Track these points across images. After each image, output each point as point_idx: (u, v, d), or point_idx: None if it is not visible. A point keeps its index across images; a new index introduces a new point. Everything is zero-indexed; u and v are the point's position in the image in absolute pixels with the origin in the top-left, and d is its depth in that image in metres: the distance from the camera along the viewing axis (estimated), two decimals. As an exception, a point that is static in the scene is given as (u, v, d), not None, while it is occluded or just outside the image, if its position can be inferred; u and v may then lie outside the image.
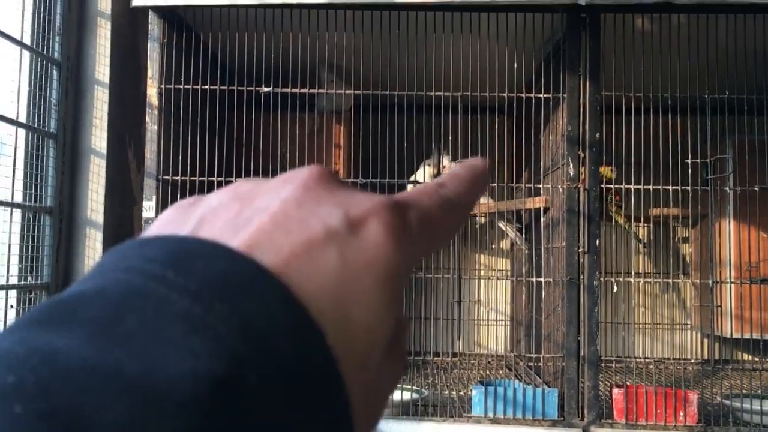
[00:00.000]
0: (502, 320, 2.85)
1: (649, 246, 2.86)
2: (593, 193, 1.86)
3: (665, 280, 2.76)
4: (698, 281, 2.59)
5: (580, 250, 1.86)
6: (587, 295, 1.85)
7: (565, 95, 1.90)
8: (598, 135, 1.87)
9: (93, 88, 1.92)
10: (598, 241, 1.86)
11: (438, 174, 2.48)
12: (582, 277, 1.86)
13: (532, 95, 1.99)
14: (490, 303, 2.83)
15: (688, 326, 2.85)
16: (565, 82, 1.90)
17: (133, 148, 2.08)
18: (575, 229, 1.86)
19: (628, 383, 1.92)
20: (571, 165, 1.87)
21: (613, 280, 2.30)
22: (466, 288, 2.76)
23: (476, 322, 2.84)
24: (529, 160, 2.46)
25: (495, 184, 2.17)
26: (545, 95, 1.96)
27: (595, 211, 1.86)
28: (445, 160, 2.44)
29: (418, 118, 2.20)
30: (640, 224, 2.71)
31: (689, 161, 1.89)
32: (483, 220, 2.86)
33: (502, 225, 2.61)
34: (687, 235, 2.91)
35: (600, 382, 1.89)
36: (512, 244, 2.81)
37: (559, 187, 1.93)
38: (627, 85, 1.90)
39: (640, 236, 2.82)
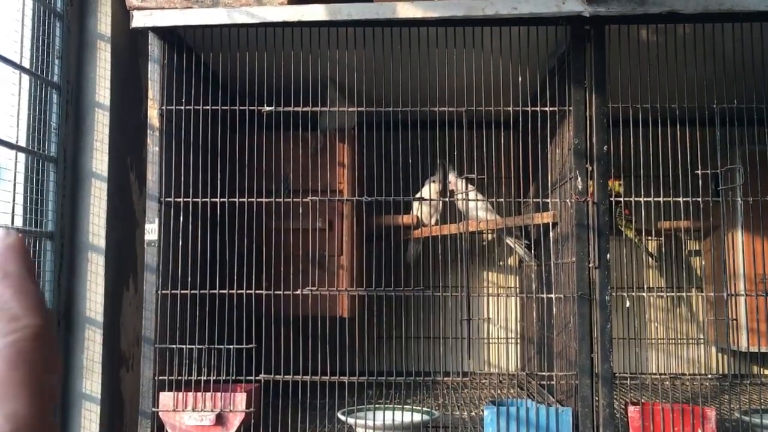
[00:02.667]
0: (512, 338, 2.81)
1: (659, 259, 2.82)
2: (602, 206, 1.83)
3: (677, 293, 2.72)
4: (711, 294, 2.55)
5: (591, 264, 1.82)
6: (599, 311, 1.81)
7: (571, 108, 1.87)
8: (605, 148, 1.84)
9: (93, 111, 1.90)
10: (608, 256, 1.83)
11: (443, 190, 2.45)
12: (593, 292, 1.83)
13: (538, 109, 1.96)
14: (499, 321, 2.78)
15: (702, 340, 2.80)
16: (571, 94, 1.87)
17: (134, 171, 2.05)
18: (585, 244, 1.83)
19: (643, 400, 1.87)
20: (579, 179, 1.84)
21: (624, 294, 2.26)
22: (474, 306, 2.72)
23: (486, 340, 2.80)
24: (535, 175, 2.43)
25: (502, 200, 2.14)
26: (551, 108, 1.94)
27: (604, 225, 1.83)
28: (451, 176, 2.41)
29: (423, 134, 2.17)
30: (650, 238, 2.67)
31: (699, 172, 1.86)
32: (490, 236, 2.83)
33: (510, 241, 2.58)
34: (698, 248, 2.87)
35: (614, 400, 1.84)
36: (520, 261, 2.78)
37: (568, 201, 1.90)
38: (633, 96, 1.87)
39: (650, 249, 2.78)
